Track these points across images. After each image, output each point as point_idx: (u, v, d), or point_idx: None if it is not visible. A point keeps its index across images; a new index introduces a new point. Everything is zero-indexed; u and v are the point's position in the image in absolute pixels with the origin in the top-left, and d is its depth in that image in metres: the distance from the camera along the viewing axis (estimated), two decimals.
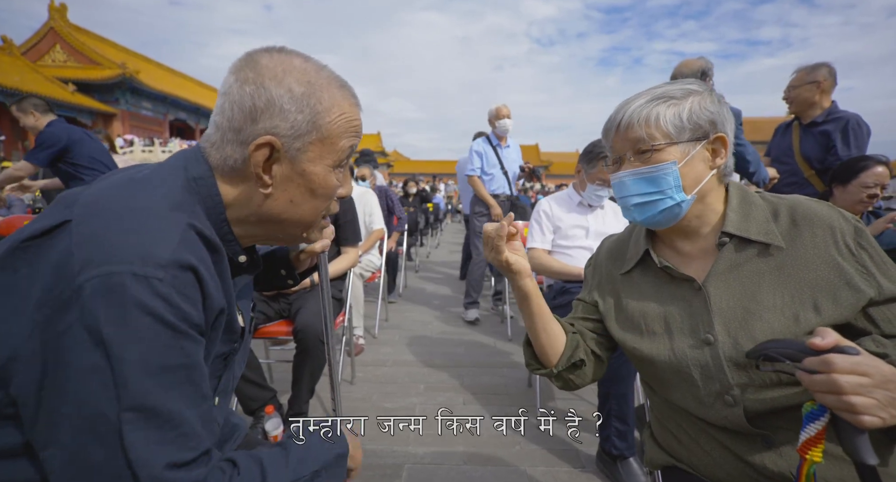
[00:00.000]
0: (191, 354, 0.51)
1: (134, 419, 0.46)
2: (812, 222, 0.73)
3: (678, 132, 0.75)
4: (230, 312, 0.61)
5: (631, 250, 0.90)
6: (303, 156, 0.60)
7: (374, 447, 1.80)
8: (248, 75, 0.58)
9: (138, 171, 0.60)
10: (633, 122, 0.76)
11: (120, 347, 0.45)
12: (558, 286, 2.05)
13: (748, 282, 0.74)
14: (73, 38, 20.87)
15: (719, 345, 0.73)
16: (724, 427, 0.75)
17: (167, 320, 0.48)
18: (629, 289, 0.87)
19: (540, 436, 1.88)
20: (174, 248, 0.50)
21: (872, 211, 1.99)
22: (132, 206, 0.52)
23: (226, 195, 0.61)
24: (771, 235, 0.74)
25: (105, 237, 0.48)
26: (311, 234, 0.69)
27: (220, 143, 0.59)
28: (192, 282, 0.51)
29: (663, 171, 0.75)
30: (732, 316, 0.73)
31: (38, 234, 0.50)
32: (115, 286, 0.46)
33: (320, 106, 0.60)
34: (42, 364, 0.46)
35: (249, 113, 0.57)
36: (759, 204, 0.79)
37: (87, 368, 0.45)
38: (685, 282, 0.79)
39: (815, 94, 2.40)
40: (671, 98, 0.75)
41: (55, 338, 0.46)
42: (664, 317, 0.80)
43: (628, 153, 0.78)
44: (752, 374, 0.71)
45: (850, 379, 0.54)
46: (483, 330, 3.40)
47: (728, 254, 0.77)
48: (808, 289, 0.70)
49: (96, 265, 0.46)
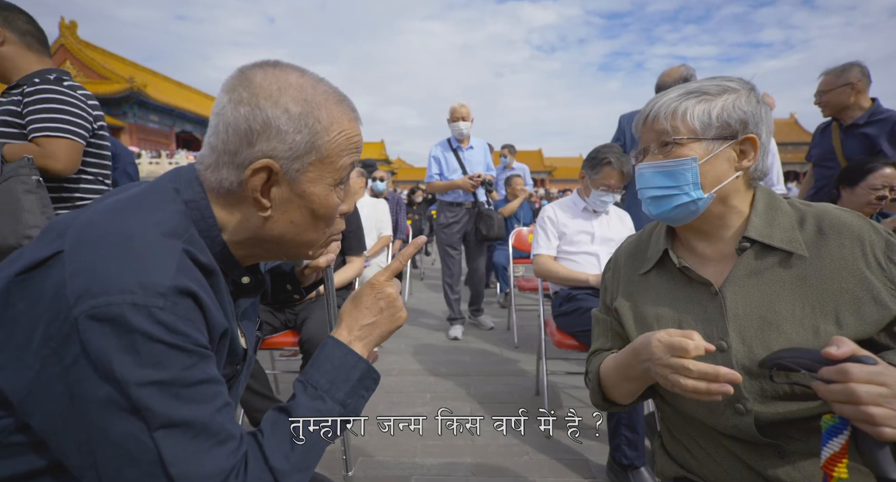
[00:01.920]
0: (206, 370, 0.51)
1: (168, 435, 0.46)
2: (840, 232, 0.71)
3: (704, 128, 0.73)
4: (232, 335, 0.61)
5: (651, 249, 0.88)
6: (302, 177, 0.58)
7: (381, 458, 1.78)
8: (242, 95, 0.55)
9: (127, 194, 0.58)
10: (660, 114, 0.76)
11: (133, 375, 0.45)
12: (564, 292, 2.03)
13: (767, 291, 0.72)
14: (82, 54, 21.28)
15: (732, 353, 0.71)
16: (735, 436, 0.73)
17: (175, 344, 0.48)
18: (646, 291, 0.85)
19: (548, 446, 1.86)
20: (173, 275, 0.49)
21: (881, 212, 1.97)
22: (125, 234, 0.51)
23: (222, 218, 0.60)
24: (795, 244, 0.72)
25: (99, 267, 0.47)
26: (315, 252, 0.68)
27: (214, 165, 0.57)
28: (192, 307, 0.51)
29: (682, 167, 0.74)
30: (748, 324, 0.72)
31: (32, 267, 0.49)
32: (115, 317, 0.45)
33: (319, 125, 0.57)
34: (60, 397, 0.46)
35: (245, 135, 0.55)
36: (786, 210, 0.76)
37: (102, 400, 0.45)
38: (702, 286, 0.77)
39: (849, 97, 2.29)
40: (704, 94, 0.74)
41: (64, 371, 0.46)
42: (678, 322, 0.78)
43: (652, 145, 0.78)
44: (764, 384, 0.70)
45: (869, 389, 0.52)
46: (489, 338, 3.38)
47: (748, 259, 0.75)
48: (830, 301, 0.68)
49: (92, 296, 0.45)
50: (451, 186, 3.31)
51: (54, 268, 0.48)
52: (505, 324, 3.66)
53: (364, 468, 1.74)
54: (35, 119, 1.35)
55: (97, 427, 0.46)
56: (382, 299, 0.68)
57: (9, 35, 1.43)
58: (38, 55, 1.48)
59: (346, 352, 0.65)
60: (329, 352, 0.64)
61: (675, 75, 2.40)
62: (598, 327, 0.96)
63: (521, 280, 3.42)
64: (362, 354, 0.66)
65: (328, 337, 0.67)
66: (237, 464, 0.51)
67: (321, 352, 0.65)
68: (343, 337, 0.66)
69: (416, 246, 0.73)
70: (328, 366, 0.63)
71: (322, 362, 0.63)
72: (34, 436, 0.49)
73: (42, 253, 0.50)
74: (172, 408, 0.47)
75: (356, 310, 0.68)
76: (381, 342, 0.70)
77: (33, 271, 0.49)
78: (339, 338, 0.66)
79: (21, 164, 1.31)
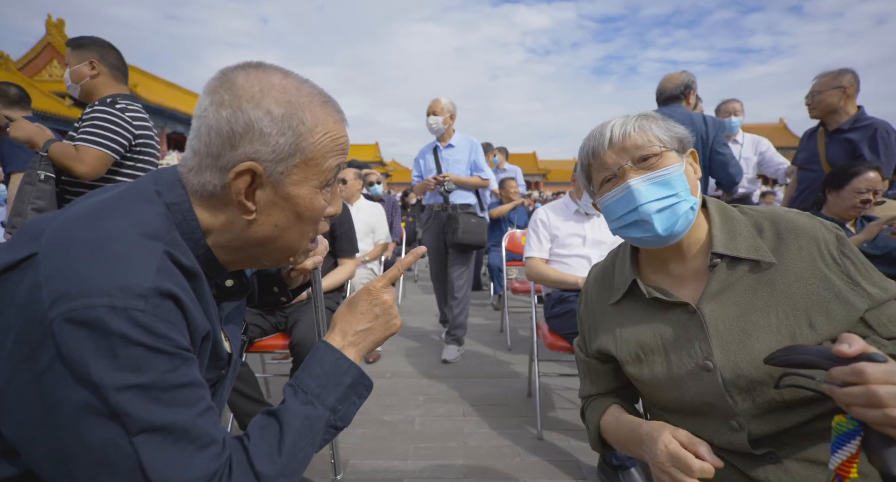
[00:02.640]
0: (188, 373, 0.50)
1: (148, 440, 0.45)
2: (797, 235, 0.73)
3: (670, 140, 0.76)
4: (215, 338, 0.60)
5: (617, 279, 0.87)
6: (287, 179, 0.57)
7: (371, 461, 1.78)
8: (224, 97, 0.54)
9: (106, 196, 0.57)
10: (629, 132, 0.76)
11: (111, 379, 0.44)
12: (556, 295, 2.04)
13: (742, 301, 0.73)
14: None
15: (718, 371, 0.71)
16: (728, 449, 0.73)
17: (156, 347, 0.47)
18: (622, 320, 0.85)
19: (540, 448, 1.87)
20: (153, 277, 0.48)
21: (865, 216, 2.01)
22: (103, 235, 0.49)
23: (205, 221, 0.58)
24: (760, 251, 0.73)
25: (76, 269, 0.46)
26: (298, 257, 0.67)
27: (197, 168, 0.56)
28: (173, 309, 0.50)
29: (674, 174, 0.75)
30: (730, 338, 0.72)
31: (4, 270, 0.48)
32: (93, 320, 0.44)
33: (303, 126, 0.56)
34: (32, 404, 0.45)
35: (228, 138, 0.54)
36: (739, 218, 0.78)
37: (78, 406, 0.44)
38: (679, 307, 0.77)
39: (839, 100, 2.35)
40: (648, 116, 0.78)
41: (37, 377, 0.44)
42: (662, 345, 0.78)
43: (627, 163, 0.76)
44: (755, 397, 0.70)
45: (890, 390, 0.50)
46: (482, 340, 3.38)
47: (720, 273, 0.75)
48: (801, 304, 0.69)
49: (70, 298, 0.44)
50: (421, 188, 3.09)
51: (28, 270, 0.47)
52: (498, 327, 3.67)
53: (354, 471, 1.73)
54: (82, 130, 1.67)
55: (73, 434, 0.44)
56: (378, 306, 0.68)
57: (102, 68, 1.79)
58: (118, 83, 1.84)
59: (338, 357, 0.64)
60: (321, 356, 0.64)
61: (676, 81, 2.41)
62: (581, 367, 0.95)
63: (514, 282, 3.43)
64: (355, 360, 0.65)
65: (320, 341, 0.66)
66: (220, 469, 0.50)
67: (313, 356, 0.64)
68: (336, 342, 0.65)
69: (416, 255, 0.72)
70: (319, 371, 0.62)
71: (313, 366, 0.63)
72: (4, 444, 0.48)
73: (15, 255, 0.48)
74: (152, 413, 0.46)
75: (351, 316, 0.68)
76: (373, 349, 0.69)
77: (6, 274, 0.47)
78: (331, 343, 0.65)
79: (36, 160, 1.58)
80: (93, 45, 1.79)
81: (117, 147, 1.71)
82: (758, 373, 0.69)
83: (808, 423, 0.69)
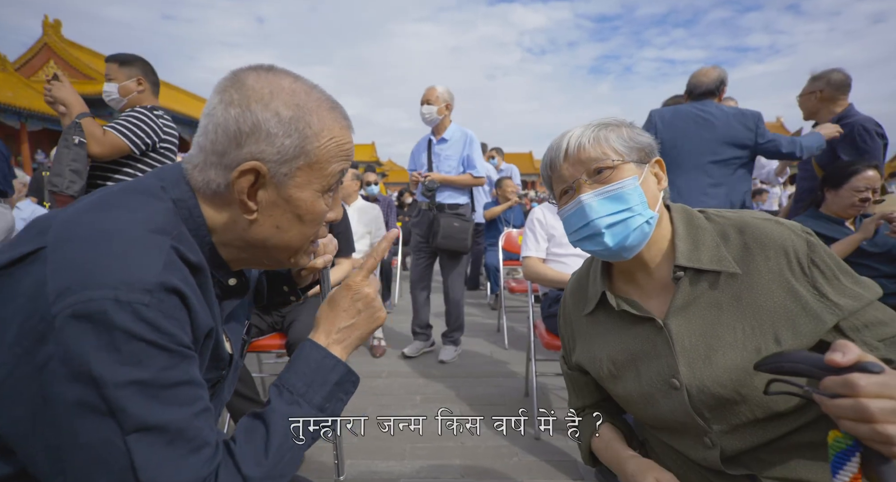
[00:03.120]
0: (188, 371, 0.50)
1: (141, 439, 0.45)
2: (764, 245, 0.70)
3: (628, 151, 0.74)
4: (217, 337, 0.60)
5: (591, 289, 0.86)
6: (290, 181, 0.58)
7: (369, 461, 1.77)
8: (234, 97, 0.55)
9: (112, 191, 0.57)
10: (584, 144, 0.74)
11: (111, 374, 0.44)
12: (553, 294, 2.04)
13: (707, 315, 0.71)
14: (67, 54, 20.91)
15: (685, 390, 0.70)
16: (706, 467, 0.72)
17: (158, 343, 0.46)
18: (595, 331, 0.84)
19: (538, 448, 1.86)
20: (159, 271, 0.48)
21: (863, 214, 2.00)
22: (110, 230, 0.49)
23: (209, 219, 0.59)
24: (724, 262, 0.71)
25: (82, 263, 0.46)
26: (298, 259, 0.67)
27: (202, 165, 0.57)
28: (178, 306, 0.49)
29: (628, 187, 0.72)
30: (696, 355, 0.70)
31: (10, 263, 0.48)
32: (95, 314, 0.43)
33: (309, 130, 0.57)
34: (30, 400, 0.44)
35: (234, 137, 0.55)
36: (705, 227, 0.76)
37: (74, 401, 0.44)
38: (647, 321, 0.75)
39: (814, 104, 2.41)
40: (609, 124, 0.76)
41: (36, 371, 0.44)
42: (632, 361, 0.77)
43: (582, 177, 0.74)
44: (725, 414, 0.68)
45: (882, 404, 0.47)
46: (479, 339, 3.37)
47: (684, 287, 0.73)
48: (767, 318, 0.67)
49: (73, 292, 0.44)
50: (412, 183, 2.94)
51: (34, 264, 0.47)
52: (495, 326, 3.66)
53: (351, 472, 1.72)
54: (117, 120, 1.91)
55: (68, 430, 0.44)
56: (360, 300, 0.67)
57: (146, 84, 2.04)
58: (155, 98, 2.11)
59: (324, 354, 0.63)
60: (306, 354, 0.63)
61: (712, 76, 2.34)
62: (567, 379, 0.95)
63: (511, 281, 3.42)
64: (341, 357, 0.64)
65: (306, 339, 0.65)
66: (210, 474, 0.49)
67: (298, 355, 0.64)
68: (321, 340, 0.65)
69: (389, 240, 0.71)
70: (305, 370, 0.62)
71: (299, 366, 0.62)
72: (1, 442, 0.47)
73: (23, 249, 0.48)
74: (148, 411, 0.45)
75: (332, 313, 0.67)
76: (360, 344, 0.69)
77: (11, 268, 0.48)
78: (316, 341, 0.64)
79: (71, 126, 1.76)
80: (137, 62, 2.03)
81: (139, 143, 1.91)
82: (724, 390, 0.67)
83: (784, 438, 0.68)
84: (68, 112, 1.80)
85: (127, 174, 1.98)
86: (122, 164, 1.95)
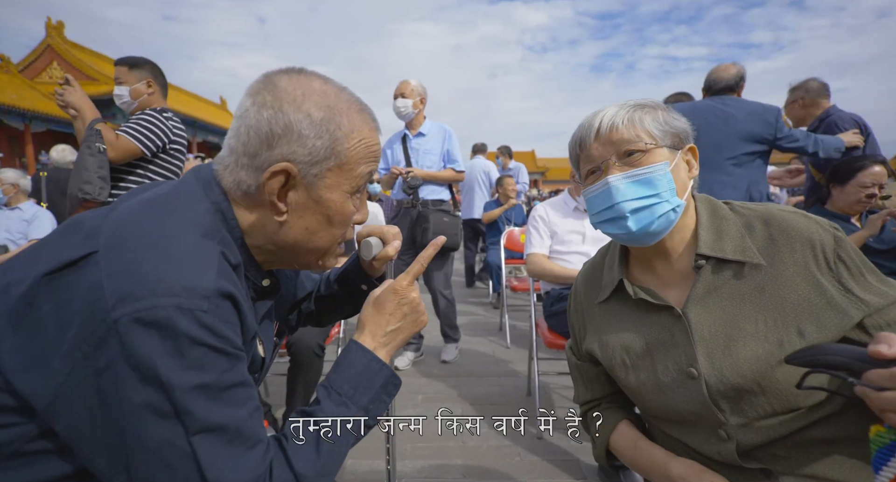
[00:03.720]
0: (242, 372, 0.52)
1: (205, 439, 0.47)
2: (790, 237, 0.69)
3: (663, 135, 0.72)
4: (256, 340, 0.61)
5: (606, 276, 0.84)
6: (320, 182, 0.58)
7: (370, 461, 1.75)
8: (266, 98, 0.56)
9: (156, 193, 0.58)
10: (618, 124, 0.72)
11: (178, 379, 0.45)
12: (555, 292, 2.02)
13: (729, 306, 0.69)
14: (70, 55, 20.99)
15: (703, 379, 0.68)
16: (721, 462, 0.70)
17: (218, 347, 0.48)
18: (608, 320, 0.82)
19: (540, 447, 1.84)
20: (215, 278, 0.49)
21: (869, 210, 1.98)
22: (163, 235, 0.50)
23: (241, 220, 0.59)
24: (748, 252, 0.70)
25: (140, 269, 0.46)
26: (326, 261, 0.67)
27: (233, 166, 0.57)
28: (231, 310, 0.51)
29: (658, 173, 0.70)
30: (715, 345, 0.69)
31: (61, 267, 0.48)
32: (161, 320, 0.45)
33: (339, 131, 0.57)
34: (88, 401, 0.45)
35: (266, 138, 0.55)
36: (730, 217, 0.74)
37: (140, 404, 0.45)
38: (665, 310, 0.74)
39: (798, 112, 2.59)
40: (645, 106, 0.74)
41: (96, 374, 0.45)
42: (647, 350, 0.75)
43: (612, 158, 0.72)
44: (742, 406, 0.67)
45: None
46: (481, 338, 3.36)
47: (706, 276, 0.72)
48: (790, 311, 0.66)
49: (135, 299, 0.44)
50: (387, 181, 2.76)
51: (88, 268, 0.47)
52: (497, 325, 3.64)
53: (352, 472, 1.71)
54: (129, 123, 1.94)
55: (132, 432, 0.45)
56: (406, 304, 0.69)
57: (155, 87, 2.07)
58: (164, 100, 2.13)
59: (371, 358, 0.65)
60: (353, 358, 0.65)
61: (732, 71, 2.37)
62: (573, 371, 0.93)
63: (513, 280, 3.40)
64: (385, 360, 0.66)
65: (351, 341, 0.67)
66: (266, 470, 0.51)
67: (345, 357, 0.65)
68: (367, 343, 0.66)
69: (436, 247, 0.73)
70: (352, 372, 0.63)
71: (345, 368, 0.64)
72: (58, 442, 0.48)
73: (72, 253, 0.48)
74: (211, 412, 0.47)
75: (380, 316, 0.68)
76: (402, 346, 0.70)
77: (62, 271, 0.48)
78: (363, 344, 0.66)
79: (92, 132, 1.78)
80: (146, 65, 2.06)
81: (151, 145, 1.95)
82: (744, 381, 0.66)
83: (800, 432, 0.66)
84: (81, 116, 1.83)
85: (138, 176, 1.99)
86: (134, 166, 1.97)
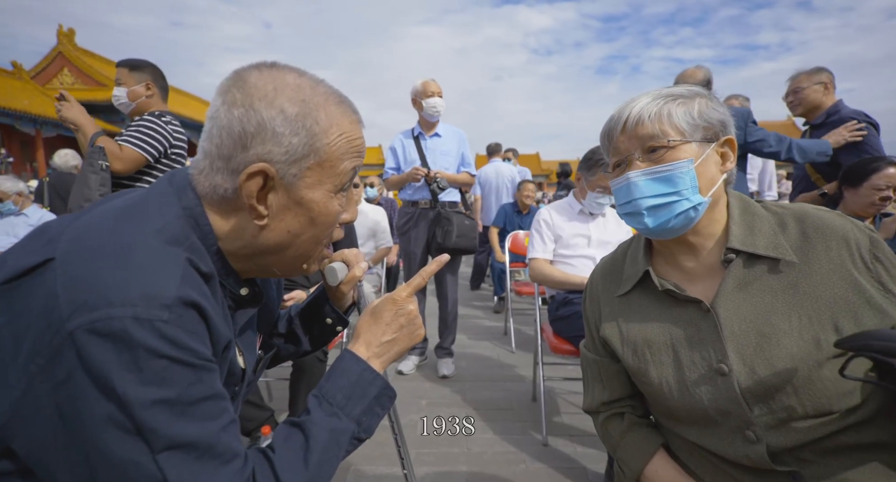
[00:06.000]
0: (212, 385, 0.49)
1: (172, 457, 0.44)
2: (825, 234, 0.67)
3: (692, 130, 0.70)
4: (232, 350, 0.59)
5: (628, 270, 0.82)
6: (300, 182, 0.55)
7: (373, 467, 1.74)
8: (236, 96, 0.53)
9: (125, 199, 0.55)
10: (644, 119, 0.70)
11: (136, 394, 0.43)
12: (560, 297, 1.99)
13: (760, 303, 0.68)
14: (80, 62, 21.29)
15: (734, 376, 0.66)
16: (744, 465, 0.68)
17: (181, 359, 0.45)
18: (629, 313, 0.80)
19: (545, 454, 1.82)
20: (177, 286, 0.46)
21: (883, 213, 1.94)
22: (124, 241, 0.47)
23: (216, 227, 0.56)
24: (781, 249, 0.68)
25: (97, 277, 0.44)
26: (311, 265, 0.64)
27: (208, 170, 0.54)
28: (197, 320, 0.48)
29: (680, 170, 0.69)
30: (746, 341, 0.67)
31: (18, 276, 0.45)
32: (116, 331, 0.42)
33: (317, 126, 0.54)
34: (48, 418, 0.43)
35: (239, 138, 0.52)
36: (762, 214, 0.73)
37: (101, 418, 0.42)
38: (692, 304, 0.72)
39: (822, 95, 2.42)
40: (680, 96, 0.72)
41: (54, 389, 0.42)
42: (671, 345, 0.73)
43: (636, 153, 0.72)
44: (773, 406, 0.64)
45: None
46: (486, 343, 3.33)
47: (736, 270, 0.70)
48: (826, 309, 0.64)
49: (91, 309, 0.42)
50: (400, 181, 2.69)
51: (44, 277, 0.44)
52: (502, 329, 3.61)
53: (356, 477, 1.69)
54: (129, 132, 1.91)
55: (94, 448, 0.43)
56: (403, 316, 0.68)
57: (154, 89, 2.04)
58: (164, 103, 2.10)
59: (364, 368, 0.63)
60: (346, 367, 0.63)
61: (698, 77, 2.32)
62: (590, 370, 0.89)
63: (517, 284, 3.37)
64: (379, 371, 0.64)
65: (344, 350, 0.65)
66: None
67: (338, 366, 0.63)
68: (361, 352, 0.64)
69: (439, 264, 0.73)
70: (344, 382, 0.61)
71: (338, 377, 0.62)
72: (19, 464, 0.46)
73: (29, 260, 0.46)
74: (177, 428, 0.44)
75: (375, 326, 0.67)
76: (396, 359, 0.68)
77: (19, 280, 0.45)
78: (357, 354, 0.64)
79: (95, 150, 1.78)
80: (147, 67, 2.04)
81: (153, 151, 1.94)
82: (777, 379, 0.64)
83: (832, 437, 0.63)
84: (81, 130, 1.83)
85: (144, 182, 1.98)
86: (136, 174, 1.96)
